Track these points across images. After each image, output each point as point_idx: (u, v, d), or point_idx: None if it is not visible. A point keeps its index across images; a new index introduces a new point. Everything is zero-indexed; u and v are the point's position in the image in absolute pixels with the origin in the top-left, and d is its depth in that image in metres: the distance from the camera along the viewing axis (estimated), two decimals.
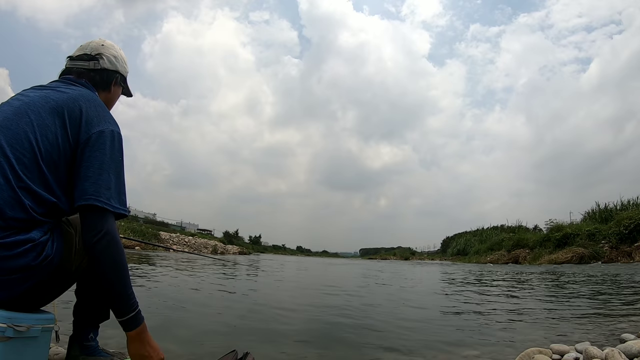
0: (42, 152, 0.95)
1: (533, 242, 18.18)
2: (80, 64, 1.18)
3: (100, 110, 1.06)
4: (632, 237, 13.26)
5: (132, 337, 0.99)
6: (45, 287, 0.99)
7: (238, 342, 1.91)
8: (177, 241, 22.03)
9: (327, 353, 1.86)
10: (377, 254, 51.45)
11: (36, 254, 0.91)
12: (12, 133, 0.94)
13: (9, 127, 0.95)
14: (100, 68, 1.20)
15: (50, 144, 0.96)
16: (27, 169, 0.93)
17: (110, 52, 1.23)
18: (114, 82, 1.25)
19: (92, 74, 1.19)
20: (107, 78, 1.22)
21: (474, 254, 24.66)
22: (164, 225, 32.71)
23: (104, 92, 1.23)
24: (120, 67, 1.27)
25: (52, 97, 1.02)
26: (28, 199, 0.91)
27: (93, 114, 1.03)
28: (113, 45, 1.26)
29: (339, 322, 2.64)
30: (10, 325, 0.87)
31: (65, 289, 1.11)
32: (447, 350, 1.93)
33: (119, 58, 1.26)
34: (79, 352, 1.24)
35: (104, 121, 1.03)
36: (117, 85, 1.28)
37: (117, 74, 1.26)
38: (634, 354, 1.56)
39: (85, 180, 0.95)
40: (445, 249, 38.48)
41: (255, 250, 39.87)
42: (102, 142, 0.99)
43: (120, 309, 0.97)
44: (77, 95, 1.05)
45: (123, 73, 1.29)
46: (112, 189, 0.97)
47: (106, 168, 0.98)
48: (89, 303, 1.24)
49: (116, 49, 1.26)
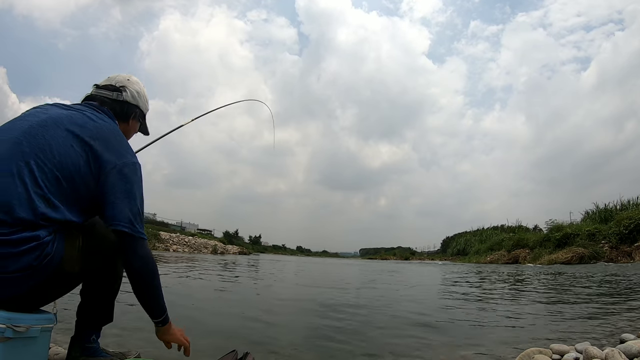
0: (63, 166, 0.99)
1: (533, 242, 18.19)
2: (105, 93, 1.25)
3: (124, 143, 1.14)
4: (632, 237, 13.28)
5: (159, 330, 1.18)
6: (45, 287, 0.99)
7: (238, 342, 1.91)
8: (177, 241, 22.02)
9: (327, 353, 1.86)
10: (377, 254, 51.51)
11: (39, 253, 0.93)
12: (36, 142, 0.98)
13: (35, 136, 0.99)
14: (122, 100, 1.27)
15: (72, 162, 1.00)
16: (46, 178, 0.96)
17: (134, 87, 1.30)
18: (132, 115, 1.31)
19: (114, 104, 1.25)
20: (127, 110, 1.28)
21: (474, 254, 24.70)
22: (164, 225, 32.61)
23: (122, 124, 1.27)
24: (141, 103, 1.33)
25: (77, 119, 1.07)
26: (41, 205, 0.94)
27: (117, 146, 1.09)
28: (138, 82, 1.34)
29: (338, 322, 2.64)
30: (9, 326, 0.87)
31: (67, 291, 1.11)
32: (446, 350, 1.93)
33: (142, 95, 1.34)
34: (80, 353, 1.23)
35: (127, 153, 1.11)
36: (135, 120, 1.33)
37: (137, 109, 1.32)
38: (634, 354, 1.56)
39: (115, 207, 1.03)
40: (445, 249, 38.54)
41: (255, 250, 39.89)
42: (128, 172, 1.07)
43: (151, 314, 1.15)
44: (102, 125, 1.10)
45: (143, 109, 1.36)
46: (138, 217, 1.07)
47: (133, 197, 1.06)
48: (93, 305, 1.25)
49: (140, 86, 1.34)
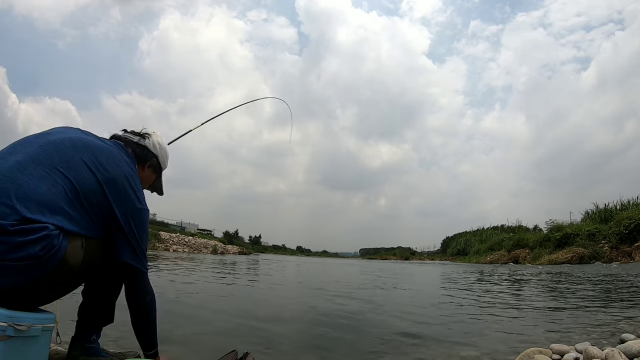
0: (87, 187, 1.05)
1: (533, 242, 18.15)
2: (130, 136, 1.34)
3: (140, 190, 1.22)
4: (632, 237, 13.25)
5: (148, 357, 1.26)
6: (50, 280, 0.98)
7: (238, 342, 1.91)
8: (177, 241, 22.02)
9: (326, 353, 1.86)
10: (377, 254, 51.46)
11: (45, 244, 0.92)
12: (66, 155, 1.06)
13: (66, 149, 1.07)
14: (143, 145, 1.35)
15: (93, 189, 1.07)
16: (68, 190, 1.02)
17: (156, 139, 1.39)
18: (149, 163, 1.37)
19: (135, 147, 1.33)
20: (145, 156, 1.35)
21: (474, 254, 24.67)
22: (164, 225, 32.58)
23: (139, 167, 1.33)
24: (159, 154, 1.40)
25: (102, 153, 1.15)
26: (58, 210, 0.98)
27: (131, 191, 1.17)
28: (162, 137, 1.43)
29: (338, 321, 2.64)
30: (10, 324, 0.87)
31: (69, 290, 1.11)
32: (446, 350, 1.93)
33: (163, 148, 1.42)
34: (80, 353, 1.24)
35: (142, 201, 1.21)
36: (150, 169, 1.39)
37: (154, 158, 1.39)
38: (634, 354, 1.56)
39: (122, 244, 1.13)
40: (445, 249, 38.50)
41: (255, 250, 39.86)
42: (142, 218, 1.19)
43: (145, 347, 1.22)
44: (126, 169, 1.19)
45: (161, 162, 1.42)
46: (143, 255, 1.18)
47: (143, 238, 1.18)
48: (95, 305, 1.25)
49: (163, 140, 1.43)
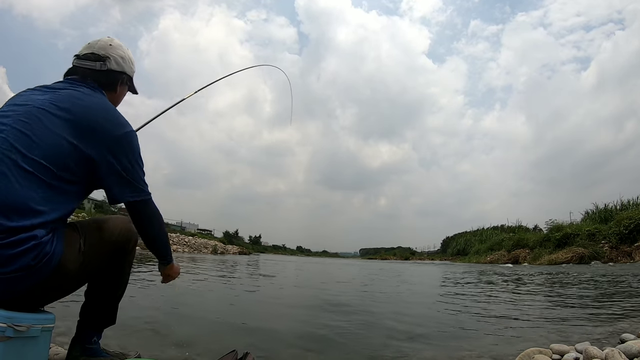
0: (53, 157, 0.96)
1: (533, 242, 18.14)
2: (87, 64, 1.18)
3: (115, 115, 1.11)
4: (632, 237, 13.24)
5: (164, 267, 1.30)
6: (45, 287, 0.98)
7: (238, 342, 1.91)
8: (177, 241, 22.00)
9: (326, 353, 1.86)
10: (377, 254, 51.50)
11: (37, 253, 0.91)
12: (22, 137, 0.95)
13: (19, 130, 0.96)
14: (106, 69, 1.20)
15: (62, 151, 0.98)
16: (36, 173, 0.94)
17: (117, 53, 1.23)
18: (120, 82, 1.26)
19: (98, 75, 1.18)
20: (113, 79, 1.22)
21: (474, 254, 24.67)
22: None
23: (109, 93, 1.22)
24: (127, 68, 1.27)
25: (62, 102, 1.03)
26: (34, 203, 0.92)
27: (108, 123, 1.07)
28: (120, 45, 1.26)
29: (337, 321, 2.64)
30: (10, 325, 0.87)
31: (69, 292, 1.10)
32: (446, 350, 1.93)
33: (126, 59, 1.26)
34: (80, 353, 1.23)
35: (120, 125, 1.09)
36: (123, 85, 1.28)
37: (123, 75, 1.26)
38: (634, 354, 1.56)
39: (119, 184, 1.07)
40: (445, 249, 38.50)
41: (255, 250, 39.85)
42: (127, 141, 1.09)
43: (159, 257, 1.27)
44: (90, 103, 1.07)
45: (130, 73, 1.29)
46: (143, 181, 1.12)
47: (135, 165, 1.10)
48: (97, 306, 1.24)
49: (123, 49, 1.26)
